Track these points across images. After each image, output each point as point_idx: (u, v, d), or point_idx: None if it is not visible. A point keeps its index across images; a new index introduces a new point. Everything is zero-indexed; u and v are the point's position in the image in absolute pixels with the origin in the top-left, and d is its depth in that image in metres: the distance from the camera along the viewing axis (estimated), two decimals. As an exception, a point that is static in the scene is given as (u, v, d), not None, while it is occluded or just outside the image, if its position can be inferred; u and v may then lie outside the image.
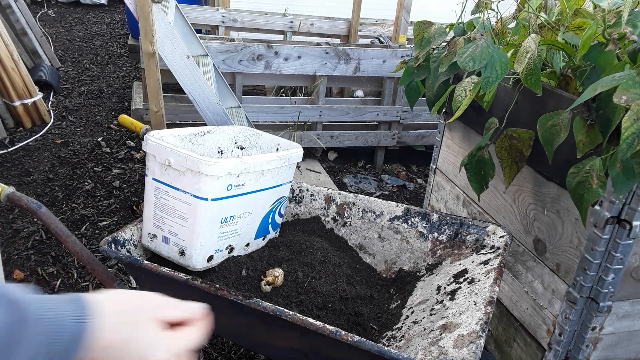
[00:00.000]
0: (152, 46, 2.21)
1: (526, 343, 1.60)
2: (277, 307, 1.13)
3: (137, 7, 2.15)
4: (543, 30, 1.55)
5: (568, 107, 1.25)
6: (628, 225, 1.25)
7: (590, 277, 1.33)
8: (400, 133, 3.65)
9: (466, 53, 1.42)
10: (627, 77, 1.10)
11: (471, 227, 1.57)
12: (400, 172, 3.76)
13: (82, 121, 3.89)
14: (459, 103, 1.49)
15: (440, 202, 2.10)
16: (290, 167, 1.60)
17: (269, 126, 3.34)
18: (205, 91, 2.37)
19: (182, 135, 1.65)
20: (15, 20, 4.18)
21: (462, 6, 1.73)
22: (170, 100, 3.09)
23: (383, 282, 1.62)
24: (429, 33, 1.70)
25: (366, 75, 3.35)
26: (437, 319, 1.27)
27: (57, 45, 5.54)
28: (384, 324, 1.41)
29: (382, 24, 4.58)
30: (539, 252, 1.53)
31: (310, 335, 1.12)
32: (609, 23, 1.33)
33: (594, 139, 1.21)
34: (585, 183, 1.20)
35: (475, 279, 1.35)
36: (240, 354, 1.95)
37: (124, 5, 6.08)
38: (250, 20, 4.20)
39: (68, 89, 4.45)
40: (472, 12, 1.72)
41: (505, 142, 1.46)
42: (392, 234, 1.70)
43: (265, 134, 1.81)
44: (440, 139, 2.06)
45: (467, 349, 1.09)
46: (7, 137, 3.44)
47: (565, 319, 1.42)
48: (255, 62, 3.08)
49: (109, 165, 3.29)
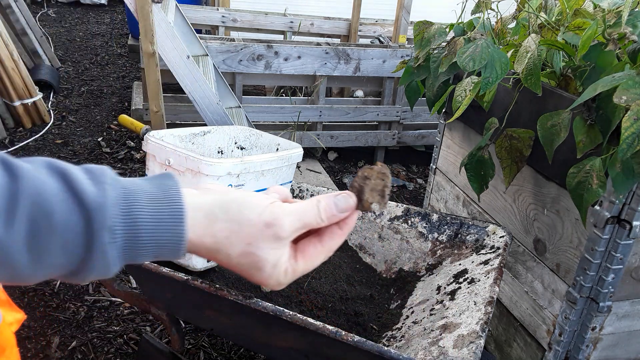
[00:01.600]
0: (152, 46, 2.21)
1: (526, 343, 1.60)
2: (277, 307, 1.13)
3: (137, 7, 2.15)
4: (543, 30, 1.55)
5: (568, 107, 1.25)
6: (628, 225, 1.25)
7: (590, 277, 1.33)
8: (400, 133, 3.65)
9: (466, 53, 1.42)
10: (627, 77, 1.10)
11: (471, 227, 1.57)
12: (400, 172, 3.76)
13: (82, 121, 3.89)
14: (459, 103, 1.49)
15: (440, 202, 2.10)
16: (290, 167, 1.60)
17: (269, 126, 3.34)
18: (205, 91, 2.37)
19: (182, 135, 1.65)
20: (15, 20, 4.18)
21: (462, 6, 1.73)
22: (170, 100, 3.09)
23: (383, 282, 1.62)
24: (429, 33, 1.70)
25: (366, 75, 3.35)
26: (437, 319, 1.27)
27: (57, 45, 5.54)
28: (384, 324, 1.41)
29: (382, 24, 4.58)
30: (539, 252, 1.53)
31: (310, 336, 1.12)
32: (609, 23, 1.33)
33: (594, 139, 1.21)
34: (585, 183, 1.20)
35: (475, 279, 1.35)
36: (240, 354, 1.95)
37: (124, 5, 6.08)
38: (250, 20, 4.20)
39: (68, 89, 4.45)
40: (472, 12, 1.72)
41: (505, 142, 1.46)
42: (392, 234, 1.70)
43: (265, 134, 1.81)
44: (440, 139, 2.06)
45: (467, 349, 1.09)
46: (7, 137, 3.44)
47: (565, 319, 1.42)
48: (255, 62, 3.08)
49: (109, 165, 3.29)
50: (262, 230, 0.53)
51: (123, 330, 2.03)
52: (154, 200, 0.50)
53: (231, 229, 0.53)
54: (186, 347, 1.94)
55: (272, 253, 0.53)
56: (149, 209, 0.49)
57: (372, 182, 0.55)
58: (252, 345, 1.61)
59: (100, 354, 1.91)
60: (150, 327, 2.07)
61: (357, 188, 0.56)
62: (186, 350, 1.93)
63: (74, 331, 2.00)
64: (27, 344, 1.91)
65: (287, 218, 0.53)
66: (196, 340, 1.99)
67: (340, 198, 0.56)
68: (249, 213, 0.53)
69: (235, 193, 0.55)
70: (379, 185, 0.55)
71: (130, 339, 1.99)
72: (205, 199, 0.53)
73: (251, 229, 0.53)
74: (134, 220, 0.48)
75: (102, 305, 2.15)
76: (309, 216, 0.55)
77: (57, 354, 1.89)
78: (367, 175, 0.56)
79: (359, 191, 0.56)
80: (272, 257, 0.53)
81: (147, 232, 0.49)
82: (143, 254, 0.50)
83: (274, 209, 0.54)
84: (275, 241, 0.53)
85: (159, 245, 0.50)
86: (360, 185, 0.56)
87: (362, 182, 0.56)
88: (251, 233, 0.53)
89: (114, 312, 2.12)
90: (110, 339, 1.98)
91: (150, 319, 2.10)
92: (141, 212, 0.49)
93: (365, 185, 0.55)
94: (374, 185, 0.55)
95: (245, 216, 0.53)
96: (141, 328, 2.05)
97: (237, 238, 0.53)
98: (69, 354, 1.90)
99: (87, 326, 2.03)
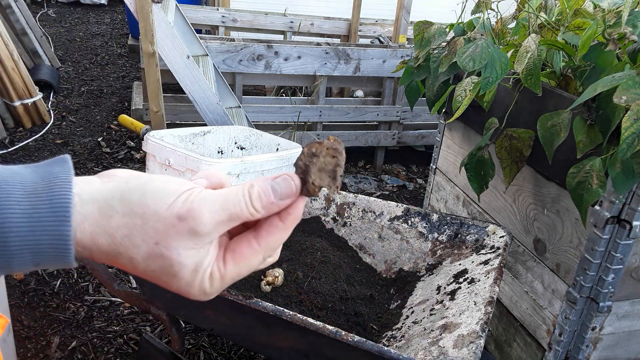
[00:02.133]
0: (152, 46, 2.21)
1: (526, 343, 1.60)
2: (277, 307, 1.13)
3: (137, 7, 2.15)
4: (543, 30, 1.55)
5: (568, 107, 1.25)
6: (628, 225, 1.25)
7: (590, 277, 1.33)
8: (400, 133, 3.65)
9: (466, 53, 1.42)
10: (627, 77, 1.10)
11: (471, 227, 1.57)
12: (400, 172, 3.76)
13: (82, 121, 3.89)
14: (459, 103, 1.49)
15: (440, 202, 2.10)
16: (290, 167, 1.60)
17: (269, 126, 3.34)
18: (205, 91, 2.37)
19: (182, 135, 1.65)
20: (15, 20, 4.18)
21: (462, 6, 1.73)
22: (170, 100, 3.09)
23: (383, 282, 1.62)
24: (429, 33, 1.70)
25: (366, 75, 3.35)
26: (437, 319, 1.27)
27: (57, 45, 5.54)
28: (384, 324, 1.41)
29: (382, 24, 4.58)
30: (539, 252, 1.53)
31: (310, 335, 1.12)
32: (609, 23, 1.33)
33: (594, 139, 1.21)
34: (585, 183, 1.20)
35: (475, 279, 1.35)
36: (240, 354, 1.95)
37: (124, 5, 6.08)
38: (250, 20, 4.20)
39: (68, 89, 4.45)
40: (472, 12, 1.72)
41: (505, 142, 1.46)
42: (392, 234, 1.70)
43: (265, 134, 1.81)
44: (440, 139, 2.06)
45: (467, 349, 1.09)
46: (7, 137, 3.44)
47: (565, 319, 1.42)
48: (255, 62, 3.08)
49: (109, 165, 3.29)
50: (174, 225, 0.41)
51: (123, 330, 2.03)
52: (32, 192, 0.40)
53: (132, 224, 0.41)
54: (186, 347, 1.94)
55: (189, 255, 0.42)
56: (24, 205, 0.39)
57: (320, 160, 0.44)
58: (252, 345, 1.61)
59: (100, 354, 1.91)
60: (150, 327, 2.07)
61: (302, 168, 0.44)
62: (186, 350, 1.93)
63: (74, 331, 2.00)
64: (27, 344, 1.91)
65: (207, 208, 0.42)
66: (196, 340, 1.99)
67: (280, 181, 0.44)
68: (156, 203, 0.42)
69: (142, 179, 0.43)
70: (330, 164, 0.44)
71: (130, 339, 1.99)
72: (102, 188, 0.42)
73: (158, 224, 0.41)
74: (1, 222, 0.38)
75: (102, 305, 2.15)
76: (237, 205, 0.43)
77: (57, 354, 1.89)
78: (314, 152, 0.44)
79: (303, 172, 0.44)
80: (189, 260, 0.42)
81: (19, 234, 0.39)
82: (17, 262, 0.40)
83: (189, 197, 0.42)
84: (191, 238, 0.42)
85: (36, 252, 0.40)
86: (306, 165, 0.44)
87: (309, 160, 0.44)
88: (159, 229, 0.41)
89: (114, 312, 2.12)
90: (110, 339, 1.98)
91: (150, 319, 2.10)
92: (12, 210, 0.39)
93: (311, 164, 0.44)
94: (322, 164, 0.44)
95: (150, 208, 0.41)
96: (141, 328, 2.05)
97: (140, 236, 0.41)
98: (69, 354, 1.90)
99: (87, 326, 2.03)
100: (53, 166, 0.42)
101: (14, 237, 0.39)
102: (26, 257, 0.40)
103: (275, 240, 0.45)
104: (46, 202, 0.39)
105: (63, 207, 0.40)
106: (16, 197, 0.39)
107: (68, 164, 0.42)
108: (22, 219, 0.39)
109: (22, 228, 0.39)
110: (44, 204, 0.39)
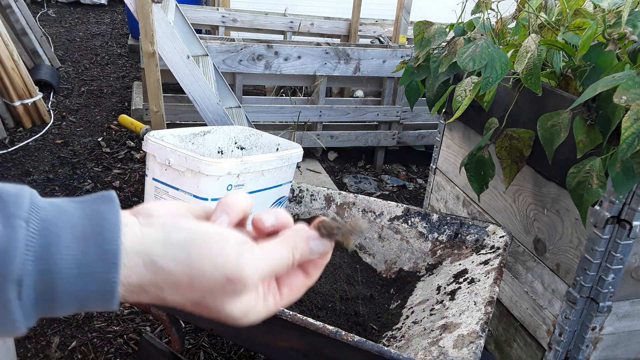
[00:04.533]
0: (152, 46, 2.21)
1: (526, 343, 1.60)
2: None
3: (137, 7, 2.15)
4: (543, 30, 1.55)
5: (568, 107, 1.25)
6: (628, 225, 1.25)
7: (590, 277, 1.33)
8: (400, 133, 3.65)
9: (466, 53, 1.42)
10: (627, 77, 1.10)
11: (471, 227, 1.57)
12: (400, 172, 3.76)
13: (82, 121, 3.89)
14: (459, 103, 1.49)
15: (440, 202, 2.10)
16: (290, 167, 1.60)
17: (269, 126, 3.34)
18: (205, 91, 2.37)
19: (182, 135, 1.65)
20: (15, 20, 4.18)
21: (462, 6, 1.73)
22: (170, 100, 3.09)
23: (383, 282, 1.62)
24: (429, 33, 1.70)
25: (366, 75, 3.35)
26: (437, 319, 1.27)
27: (57, 45, 5.54)
28: (384, 324, 1.41)
29: (382, 24, 4.58)
30: (539, 252, 1.53)
31: (310, 335, 1.12)
32: (609, 23, 1.33)
33: (594, 139, 1.21)
34: (585, 183, 1.20)
35: (475, 279, 1.35)
36: (240, 354, 1.95)
37: (124, 5, 6.08)
38: (250, 20, 4.20)
39: (68, 89, 4.45)
40: (472, 12, 1.72)
41: (505, 142, 1.47)
42: (392, 234, 1.70)
43: (265, 134, 1.81)
44: (440, 139, 2.06)
45: (467, 349, 1.09)
46: (7, 137, 3.44)
47: (565, 319, 1.42)
48: (255, 62, 3.08)
49: (109, 165, 3.29)
50: (221, 286, 0.43)
51: (123, 330, 2.03)
52: (81, 238, 0.39)
53: (179, 282, 0.42)
54: (186, 347, 1.94)
55: (235, 306, 0.44)
56: (74, 251, 0.39)
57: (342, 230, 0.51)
58: (252, 345, 1.61)
59: (100, 354, 1.91)
60: (150, 327, 2.07)
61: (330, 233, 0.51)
62: (186, 350, 1.93)
63: (74, 331, 2.00)
64: (27, 344, 1.91)
65: (255, 268, 0.44)
66: (196, 340, 1.99)
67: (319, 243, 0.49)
68: (205, 262, 0.42)
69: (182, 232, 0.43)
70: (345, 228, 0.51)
71: (130, 339, 1.99)
72: (143, 239, 0.42)
73: (205, 282, 0.42)
74: (50, 269, 0.38)
75: (102, 305, 2.15)
76: (282, 265, 0.46)
77: (57, 354, 1.89)
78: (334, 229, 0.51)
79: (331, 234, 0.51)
80: (237, 309, 0.45)
81: (67, 284, 0.39)
82: (60, 306, 0.40)
83: (241, 261, 0.43)
84: (236, 296, 0.44)
85: (83, 298, 0.40)
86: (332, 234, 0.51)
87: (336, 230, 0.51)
88: (205, 287, 0.43)
89: (113, 312, 2.12)
90: (110, 339, 1.98)
91: (150, 319, 2.10)
92: (61, 258, 0.38)
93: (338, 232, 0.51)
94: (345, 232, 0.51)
95: (198, 266, 0.42)
96: (141, 328, 2.05)
97: (187, 289, 0.43)
98: (69, 354, 1.90)
99: (87, 326, 2.03)
100: (100, 204, 0.42)
101: (62, 284, 0.39)
102: (72, 303, 0.40)
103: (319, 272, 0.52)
104: (95, 247, 0.39)
105: (112, 254, 0.40)
106: (66, 243, 0.39)
107: (114, 203, 0.42)
108: (72, 264, 0.39)
109: (71, 275, 0.39)
110: (93, 249, 0.39)
